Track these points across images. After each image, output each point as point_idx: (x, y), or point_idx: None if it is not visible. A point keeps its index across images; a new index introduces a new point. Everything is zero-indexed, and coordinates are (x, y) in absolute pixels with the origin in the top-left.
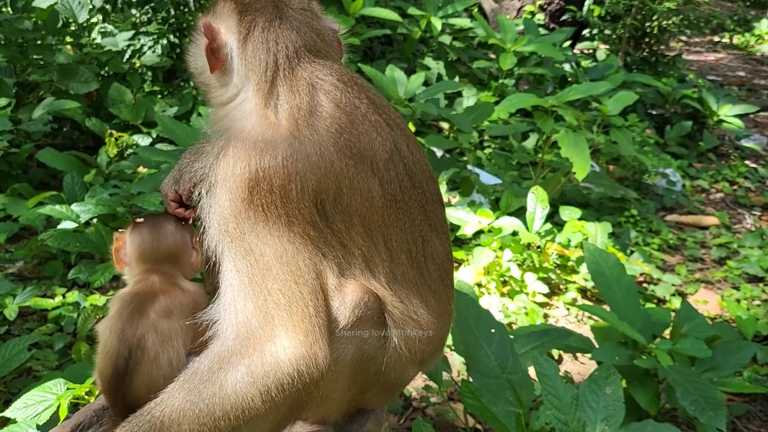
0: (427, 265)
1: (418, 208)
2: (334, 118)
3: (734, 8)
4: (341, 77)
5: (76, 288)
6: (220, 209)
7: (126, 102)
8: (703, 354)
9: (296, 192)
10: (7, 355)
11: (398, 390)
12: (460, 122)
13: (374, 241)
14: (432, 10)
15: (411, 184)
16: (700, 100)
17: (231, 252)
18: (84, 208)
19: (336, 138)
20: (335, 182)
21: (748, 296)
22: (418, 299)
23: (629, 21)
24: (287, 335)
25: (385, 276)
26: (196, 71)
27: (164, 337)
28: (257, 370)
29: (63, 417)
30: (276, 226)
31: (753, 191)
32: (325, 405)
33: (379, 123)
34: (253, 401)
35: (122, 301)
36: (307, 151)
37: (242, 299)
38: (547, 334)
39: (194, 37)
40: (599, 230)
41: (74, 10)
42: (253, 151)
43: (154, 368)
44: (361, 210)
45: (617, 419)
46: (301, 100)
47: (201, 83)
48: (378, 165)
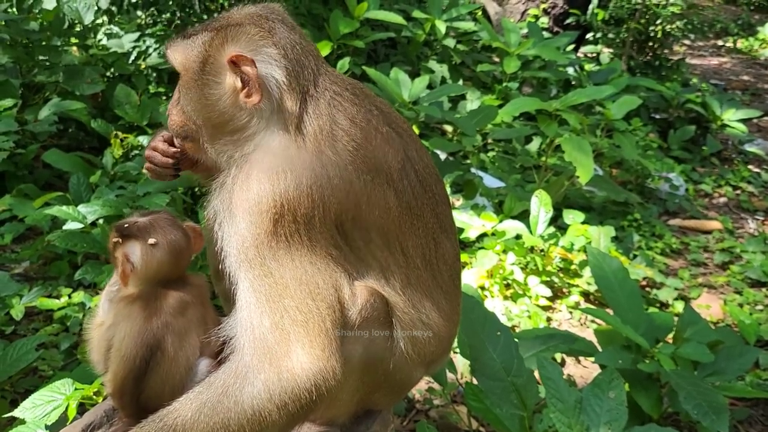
0: (440, 267)
1: (430, 212)
2: (351, 135)
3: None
4: (353, 89)
5: (82, 288)
6: (240, 237)
7: (131, 103)
8: (706, 358)
9: (319, 218)
10: (14, 355)
11: (405, 391)
12: (463, 125)
13: (391, 250)
14: (436, 14)
15: (422, 189)
16: (704, 104)
17: (249, 275)
18: (90, 209)
19: (354, 156)
20: (355, 201)
21: (751, 301)
22: (430, 302)
23: (633, 25)
24: (304, 350)
25: (400, 282)
26: (208, 105)
27: (181, 335)
28: (274, 386)
29: (71, 417)
30: (298, 253)
31: (756, 196)
32: (334, 407)
33: (390, 133)
34: (269, 415)
35: (130, 303)
36: (329, 174)
37: (258, 316)
38: (552, 338)
39: (210, 70)
40: (602, 234)
41: (80, 11)
42: (277, 179)
43: (173, 367)
44: (379, 222)
45: (620, 423)
46: (323, 121)
47: (214, 116)
48: (392, 176)
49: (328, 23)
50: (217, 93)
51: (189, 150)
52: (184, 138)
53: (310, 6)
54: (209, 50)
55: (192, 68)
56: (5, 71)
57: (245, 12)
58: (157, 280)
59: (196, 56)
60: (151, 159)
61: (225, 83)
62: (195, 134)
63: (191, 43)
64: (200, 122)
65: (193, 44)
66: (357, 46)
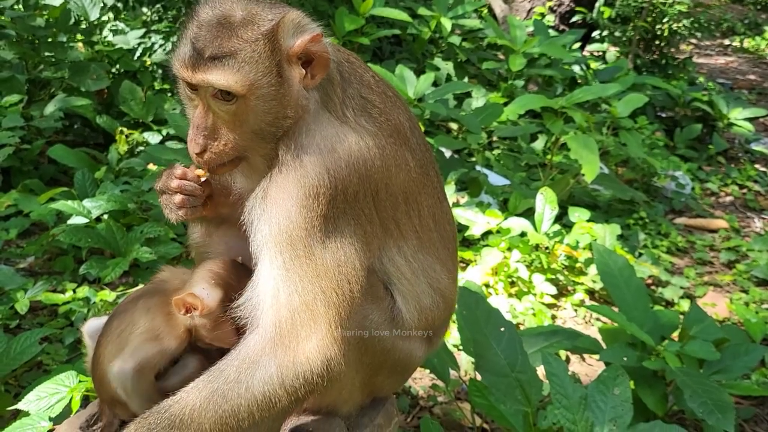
0: (445, 226)
1: (433, 170)
2: (374, 103)
3: (745, 12)
4: (356, 58)
5: (87, 283)
6: (287, 219)
7: (137, 99)
8: (712, 356)
9: (363, 193)
10: (18, 349)
11: (408, 372)
12: (469, 123)
13: (410, 214)
14: (442, 11)
15: (426, 147)
16: (710, 103)
17: (287, 255)
18: (95, 203)
19: (381, 122)
20: (388, 166)
21: (757, 299)
22: (439, 264)
23: (639, 23)
24: (328, 333)
25: (413, 248)
26: (283, 107)
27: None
28: (287, 370)
29: (75, 409)
30: (341, 234)
31: (762, 195)
32: (334, 389)
33: (394, 95)
34: (279, 401)
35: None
36: (369, 144)
37: (287, 295)
38: (556, 334)
39: (286, 72)
40: (608, 232)
41: (86, 8)
42: (330, 157)
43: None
44: (404, 184)
45: (625, 420)
46: (354, 92)
47: (281, 116)
48: (407, 136)
49: (333, 20)
50: (292, 90)
51: (222, 173)
52: (227, 164)
53: (315, 3)
54: (276, 54)
55: (265, 82)
56: (11, 67)
57: (258, 5)
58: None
59: (266, 69)
60: (184, 189)
61: (293, 76)
62: (244, 151)
63: (243, 61)
64: (262, 132)
65: (250, 59)
66: (362, 43)
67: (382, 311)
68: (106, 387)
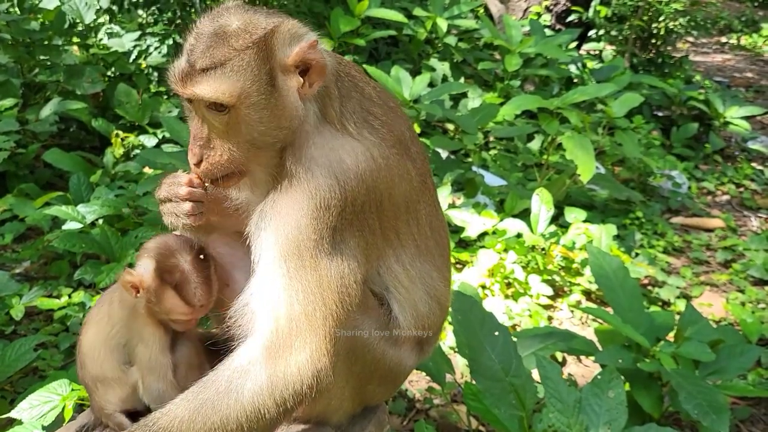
0: (440, 233)
1: (430, 178)
2: (376, 114)
3: (742, 9)
4: (355, 67)
5: (82, 288)
6: (292, 228)
7: (132, 102)
8: (707, 357)
9: (369, 204)
10: (13, 355)
11: (399, 380)
12: (465, 123)
13: (410, 222)
14: (438, 11)
15: (424, 156)
16: (707, 101)
17: (291, 264)
18: (90, 209)
19: (384, 133)
20: (392, 177)
21: (753, 299)
22: (436, 271)
23: (636, 22)
24: (322, 344)
25: (411, 256)
26: (277, 116)
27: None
28: (278, 380)
29: (68, 418)
30: (347, 246)
31: (759, 193)
32: (324, 398)
33: (395, 105)
34: (268, 412)
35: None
36: (373, 155)
37: (287, 304)
38: (551, 336)
39: (278, 81)
40: (604, 232)
41: (81, 10)
42: (339, 168)
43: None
44: (406, 194)
45: (620, 422)
46: (355, 104)
47: (279, 126)
48: (408, 145)
49: (329, 21)
50: (286, 100)
51: (227, 186)
52: (231, 177)
53: (311, 4)
54: (269, 62)
55: (255, 91)
56: (6, 71)
57: (256, 15)
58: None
59: (255, 77)
60: (193, 196)
61: (290, 85)
62: (242, 163)
63: (232, 70)
64: (257, 142)
65: (239, 68)
66: (358, 44)
67: (373, 321)
68: (89, 370)
